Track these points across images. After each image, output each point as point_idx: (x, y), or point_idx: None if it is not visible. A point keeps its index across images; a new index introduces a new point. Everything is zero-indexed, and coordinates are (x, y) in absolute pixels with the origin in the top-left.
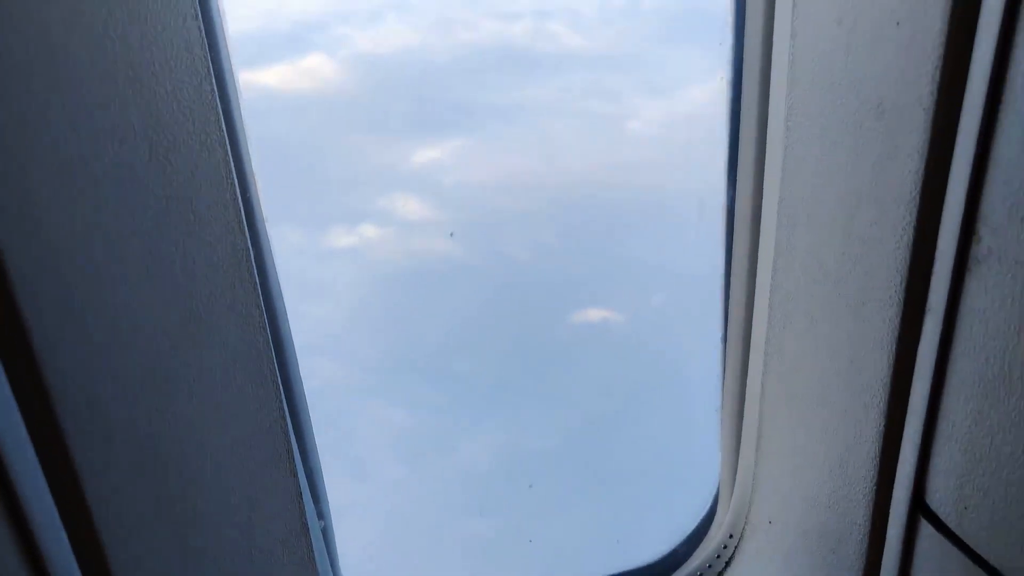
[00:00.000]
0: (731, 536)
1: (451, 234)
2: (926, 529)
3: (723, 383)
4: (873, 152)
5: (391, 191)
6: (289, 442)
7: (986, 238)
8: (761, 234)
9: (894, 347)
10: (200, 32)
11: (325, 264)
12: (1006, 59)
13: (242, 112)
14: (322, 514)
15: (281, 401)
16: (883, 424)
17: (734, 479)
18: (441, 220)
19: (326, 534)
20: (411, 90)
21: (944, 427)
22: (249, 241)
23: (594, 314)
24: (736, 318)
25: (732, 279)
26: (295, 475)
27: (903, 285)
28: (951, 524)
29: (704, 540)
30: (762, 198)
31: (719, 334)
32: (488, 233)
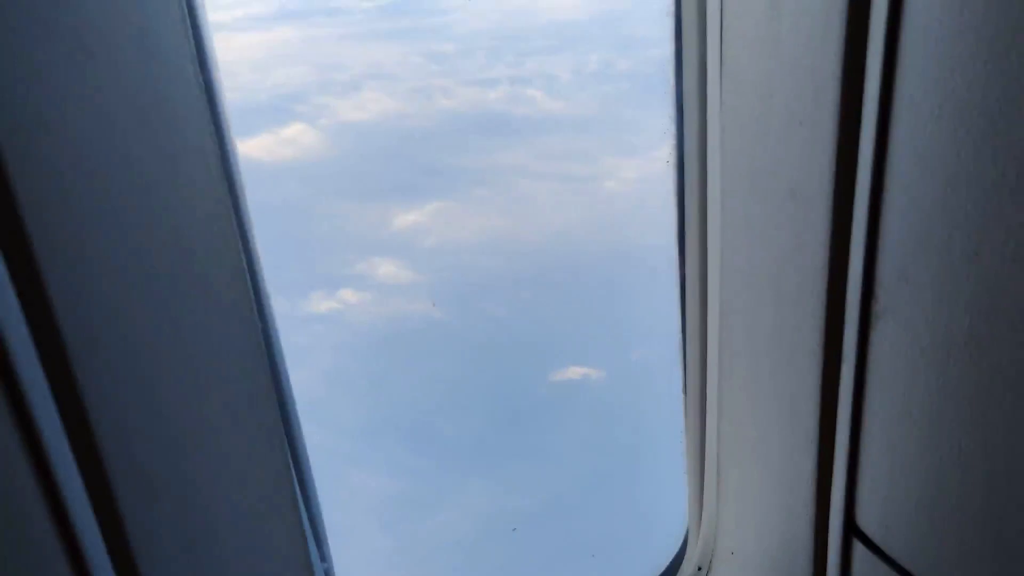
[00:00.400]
0: (700, 568)
1: (432, 304)
2: (859, 549)
3: (685, 428)
4: (790, 227)
5: (371, 255)
6: (293, 487)
7: (882, 298)
8: (708, 296)
9: (819, 393)
10: (206, 108)
11: (305, 330)
12: (885, 151)
13: (244, 188)
14: (324, 556)
15: (285, 450)
16: (816, 458)
17: (701, 516)
18: (420, 283)
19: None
20: (391, 156)
21: (865, 458)
22: (256, 307)
23: (574, 371)
24: (692, 371)
25: (687, 337)
26: (299, 519)
27: (823, 340)
28: (878, 541)
29: (677, 573)
30: (707, 264)
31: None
32: (467, 294)
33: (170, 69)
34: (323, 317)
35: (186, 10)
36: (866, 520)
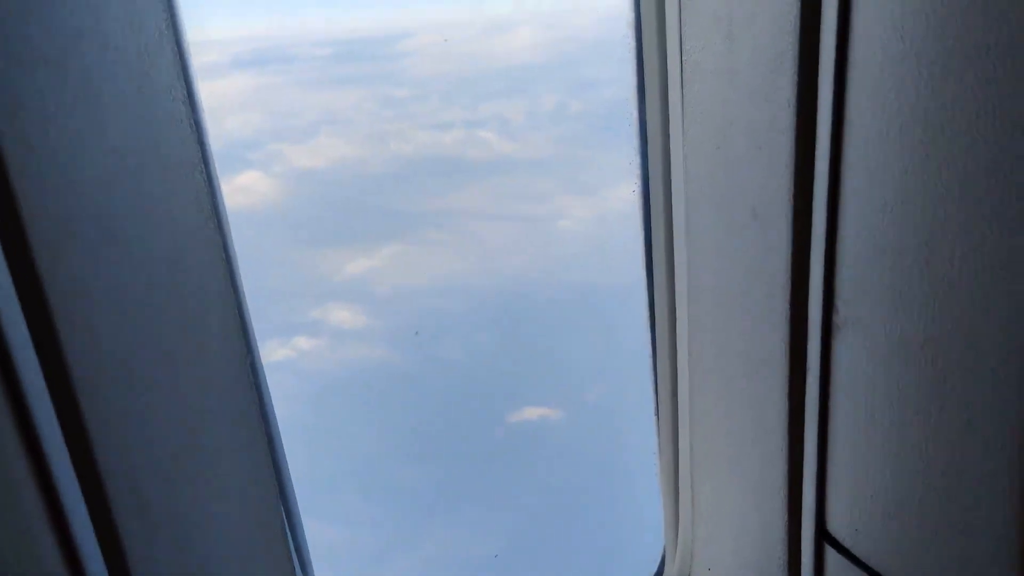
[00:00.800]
0: None
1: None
2: (831, 554)
3: (659, 448)
4: (753, 246)
5: (325, 302)
6: (283, 522)
7: (842, 309)
8: (678, 316)
9: (787, 404)
10: (198, 148)
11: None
12: (839, 171)
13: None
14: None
15: (274, 485)
16: (787, 468)
17: (677, 534)
18: (375, 328)
19: None
20: (346, 201)
21: (832, 465)
22: (246, 346)
23: (532, 412)
24: (664, 391)
25: (658, 358)
26: (289, 554)
27: (788, 352)
28: (849, 546)
29: None
30: (675, 284)
31: (652, 408)
32: (423, 337)
33: (164, 113)
34: (278, 366)
35: (178, 57)
36: (837, 526)
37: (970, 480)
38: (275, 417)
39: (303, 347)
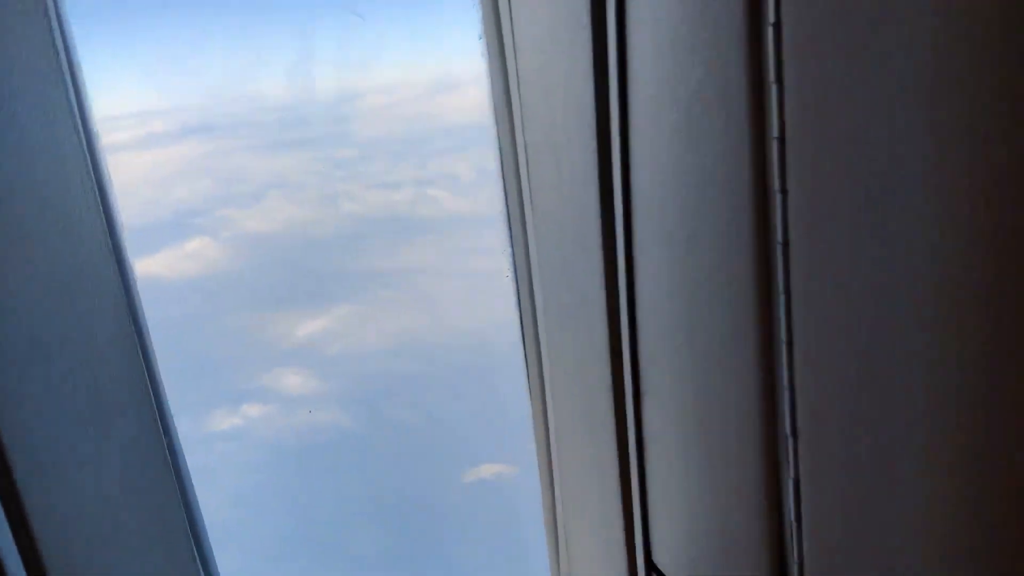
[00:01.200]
0: None
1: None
2: None
3: (543, 505)
4: (585, 315)
5: (275, 366)
6: None
7: (643, 379)
8: (544, 377)
9: (617, 456)
10: (105, 231)
11: (208, 449)
12: (631, 218)
13: (144, 308)
14: None
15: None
16: (621, 510)
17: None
18: (325, 391)
19: None
20: (296, 264)
21: (651, 505)
22: (160, 427)
23: (487, 469)
24: (541, 449)
25: (535, 415)
26: None
27: (614, 412)
28: (666, 570)
29: None
30: (540, 351)
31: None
32: (374, 399)
33: (86, 247)
34: (226, 435)
35: (96, 186)
36: (660, 555)
37: (735, 513)
38: (196, 501)
39: (252, 414)
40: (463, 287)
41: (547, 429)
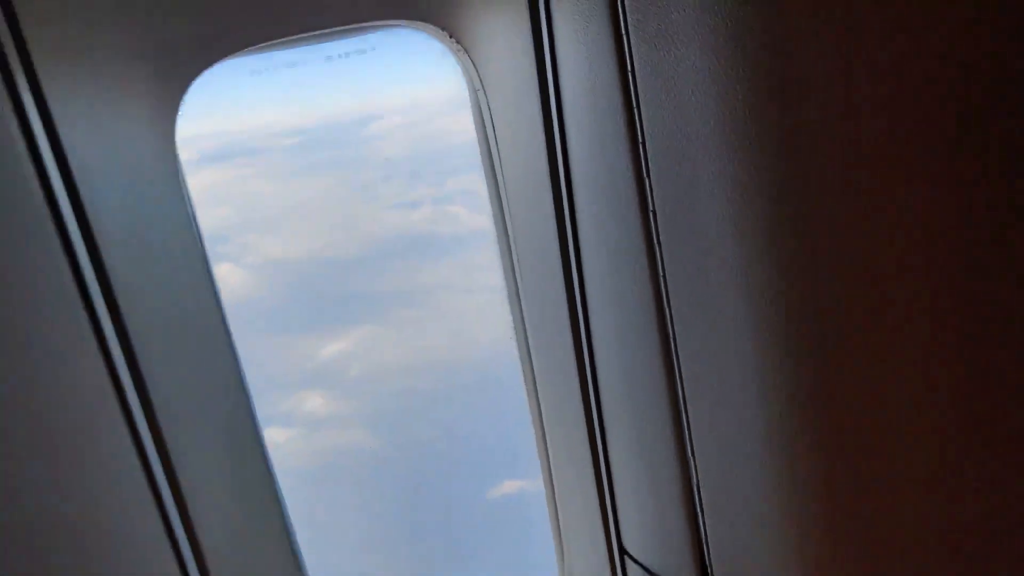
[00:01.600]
0: None
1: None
2: (631, 566)
3: (547, 504)
4: (557, 326)
5: (298, 390)
6: None
7: (604, 406)
8: (538, 388)
9: (590, 455)
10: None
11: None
12: (576, 236)
13: None
14: None
15: None
16: (598, 505)
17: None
18: (348, 413)
19: None
20: (318, 287)
21: (619, 499)
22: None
23: (510, 485)
24: (539, 436)
25: (534, 423)
26: None
27: (585, 418)
28: (640, 559)
29: None
30: (532, 362)
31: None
32: (397, 418)
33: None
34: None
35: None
36: (629, 542)
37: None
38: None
39: (276, 439)
40: (483, 302)
41: (544, 435)
